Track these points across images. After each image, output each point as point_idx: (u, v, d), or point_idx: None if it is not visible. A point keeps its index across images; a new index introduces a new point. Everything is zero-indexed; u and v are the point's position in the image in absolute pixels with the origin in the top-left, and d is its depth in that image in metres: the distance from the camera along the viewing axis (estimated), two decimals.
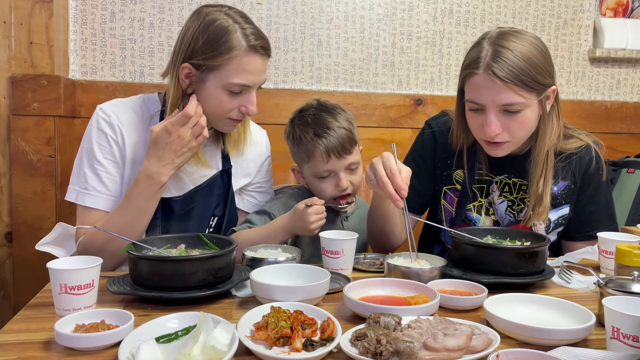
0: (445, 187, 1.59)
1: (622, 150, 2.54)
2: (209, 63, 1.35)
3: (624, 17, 2.61)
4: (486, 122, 1.37)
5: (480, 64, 1.36)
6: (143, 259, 1.09)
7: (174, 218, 1.48)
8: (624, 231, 1.54)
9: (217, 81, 1.37)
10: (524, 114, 1.37)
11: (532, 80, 1.34)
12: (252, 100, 1.41)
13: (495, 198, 1.54)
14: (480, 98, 1.37)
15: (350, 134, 1.50)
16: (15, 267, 2.01)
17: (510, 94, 1.33)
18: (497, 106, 1.36)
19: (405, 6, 2.40)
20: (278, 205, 1.57)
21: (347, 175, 1.52)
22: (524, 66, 1.33)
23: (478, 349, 0.84)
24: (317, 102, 1.59)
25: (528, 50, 1.36)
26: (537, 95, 1.38)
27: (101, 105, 1.47)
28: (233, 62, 1.35)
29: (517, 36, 1.38)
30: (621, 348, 0.83)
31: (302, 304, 0.96)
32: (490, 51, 1.36)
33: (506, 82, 1.32)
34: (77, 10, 2.17)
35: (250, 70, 1.37)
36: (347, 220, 1.63)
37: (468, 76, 1.39)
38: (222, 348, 0.81)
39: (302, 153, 1.52)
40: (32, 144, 1.98)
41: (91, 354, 0.85)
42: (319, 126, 1.49)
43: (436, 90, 2.47)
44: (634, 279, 1.03)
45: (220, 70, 1.36)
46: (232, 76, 1.36)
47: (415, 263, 1.22)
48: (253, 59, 1.37)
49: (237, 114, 1.42)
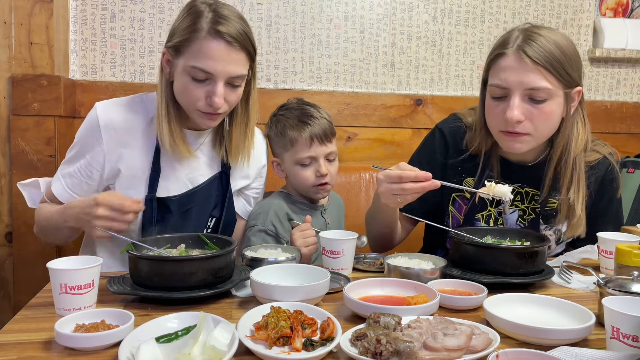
0: (454, 194, 1.55)
1: (622, 150, 2.53)
2: (177, 44, 1.35)
3: (623, 17, 2.61)
4: (509, 106, 1.33)
5: (510, 44, 1.34)
6: (143, 259, 1.09)
7: (170, 218, 1.48)
8: (624, 231, 1.54)
9: (182, 65, 1.35)
10: (549, 104, 1.34)
11: (562, 68, 1.32)
12: (216, 91, 1.33)
13: (507, 208, 1.50)
14: (506, 79, 1.33)
15: (331, 125, 1.60)
16: (15, 267, 2.01)
17: (539, 78, 1.31)
18: (522, 90, 1.32)
19: (405, 6, 2.40)
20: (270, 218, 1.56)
21: (326, 164, 1.59)
22: (556, 51, 1.31)
23: (478, 349, 0.84)
24: (297, 98, 1.69)
25: (560, 39, 1.34)
26: (564, 87, 1.35)
27: (98, 104, 1.47)
28: (194, 45, 1.32)
29: (549, 28, 1.38)
30: (621, 348, 0.83)
31: (302, 304, 0.96)
32: (521, 35, 1.34)
33: (536, 64, 1.30)
34: (77, 10, 2.17)
35: (211, 55, 1.31)
36: (327, 212, 1.67)
37: (496, 58, 1.37)
38: (222, 348, 0.81)
39: (285, 141, 1.58)
40: (32, 144, 1.98)
41: (91, 354, 0.85)
42: (303, 115, 1.58)
43: (436, 90, 2.47)
44: (633, 279, 1.03)
45: (184, 54, 1.34)
46: (193, 59, 1.33)
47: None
48: (213, 44, 1.31)
49: (204, 105, 1.37)
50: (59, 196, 1.48)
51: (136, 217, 1.33)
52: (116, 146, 1.44)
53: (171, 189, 1.49)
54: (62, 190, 1.48)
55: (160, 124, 1.41)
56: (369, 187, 2.16)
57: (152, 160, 1.46)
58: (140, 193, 1.46)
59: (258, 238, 1.52)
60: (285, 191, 1.66)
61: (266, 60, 2.32)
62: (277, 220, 1.55)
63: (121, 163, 1.45)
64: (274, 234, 1.54)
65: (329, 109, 2.28)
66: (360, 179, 2.16)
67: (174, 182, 1.49)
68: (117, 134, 1.44)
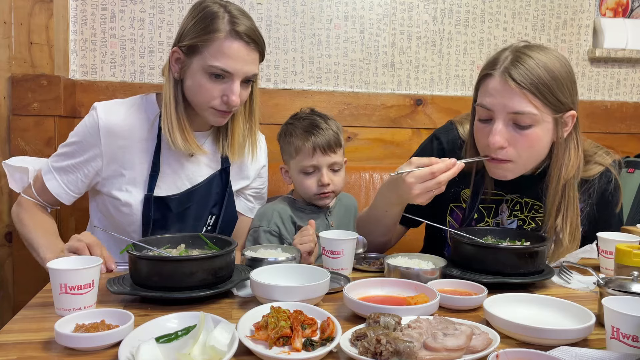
0: (452, 204, 1.53)
1: (622, 150, 2.54)
2: (193, 43, 1.37)
3: (623, 17, 2.61)
4: (491, 131, 1.30)
5: (497, 65, 1.30)
6: (143, 259, 1.09)
7: (170, 216, 1.48)
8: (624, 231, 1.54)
9: (199, 64, 1.38)
10: (534, 130, 1.29)
11: (550, 93, 1.27)
12: (234, 89, 1.38)
13: (505, 218, 1.48)
14: (490, 102, 1.30)
15: (337, 136, 1.62)
16: (15, 267, 2.01)
17: (524, 102, 1.26)
18: (506, 113, 1.28)
19: (405, 6, 2.40)
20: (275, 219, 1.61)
21: (329, 173, 1.62)
22: (544, 75, 1.26)
23: (478, 349, 0.84)
24: (310, 109, 1.72)
25: (551, 62, 1.28)
26: (553, 112, 1.29)
27: (98, 105, 1.46)
28: (214, 45, 1.35)
29: (543, 49, 1.32)
30: (621, 348, 0.83)
31: (302, 304, 0.96)
32: (510, 56, 1.30)
33: (521, 87, 1.25)
34: (77, 10, 2.17)
35: (230, 55, 1.36)
36: (331, 215, 1.69)
37: (483, 79, 1.34)
38: (222, 348, 0.81)
39: (291, 149, 1.63)
40: (32, 144, 1.98)
41: (91, 354, 0.85)
42: (310, 125, 1.61)
43: (436, 90, 2.47)
44: (633, 279, 1.03)
45: (202, 53, 1.37)
46: (212, 58, 1.36)
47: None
48: (234, 44, 1.36)
49: (219, 104, 1.40)
50: (56, 194, 1.48)
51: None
52: (115, 148, 1.44)
53: (170, 188, 1.49)
54: (58, 187, 1.48)
55: (170, 121, 1.42)
56: (368, 187, 2.16)
57: (152, 161, 1.46)
58: (139, 193, 1.45)
59: (263, 239, 1.57)
60: (291, 197, 1.70)
61: (266, 60, 2.31)
62: (281, 221, 1.60)
63: (119, 164, 1.45)
64: (277, 234, 1.59)
65: (329, 109, 2.28)
66: (360, 179, 2.16)
67: (173, 182, 1.49)
68: (116, 137, 1.44)
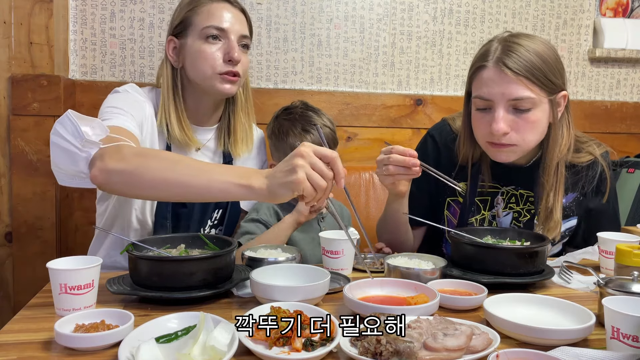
0: (449, 198, 1.56)
1: (622, 150, 2.54)
2: (183, 17, 1.44)
3: (623, 17, 2.61)
4: (494, 118, 1.33)
5: (489, 57, 1.33)
6: (143, 259, 1.09)
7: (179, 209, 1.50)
8: (624, 231, 1.54)
9: (194, 35, 1.44)
10: (534, 113, 1.34)
11: (543, 76, 1.32)
12: (233, 45, 1.44)
13: (500, 210, 1.51)
14: (488, 92, 1.33)
15: (333, 133, 1.60)
16: (15, 267, 2.01)
17: (521, 88, 1.30)
18: (506, 101, 1.32)
19: (405, 6, 2.40)
20: (264, 210, 1.58)
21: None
22: (536, 60, 1.31)
23: (478, 349, 0.84)
24: (301, 102, 1.66)
25: (539, 47, 1.34)
26: (548, 94, 1.34)
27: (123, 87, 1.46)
28: (203, 10, 1.44)
29: (528, 36, 1.38)
30: (621, 348, 0.83)
31: (302, 304, 0.96)
32: (500, 47, 1.34)
33: (517, 74, 1.30)
34: (77, 10, 2.17)
35: (221, 15, 1.44)
36: (324, 221, 1.65)
37: (477, 71, 1.37)
38: (222, 348, 0.81)
39: (285, 147, 1.57)
40: (32, 144, 1.98)
41: (91, 354, 0.85)
42: (306, 122, 1.56)
43: (436, 90, 2.47)
44: (634, 279, 1.03)
45: (194, 22, 1.44)
46: (205, 21, 1.43)
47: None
48: (221, 4, 1.45)
49: (223, 66, 1.43)
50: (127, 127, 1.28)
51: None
52: (145, 115, 1.44)
53: None
54: (127, 121, 1.31)
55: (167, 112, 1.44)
56: (368, 187, 2.16)
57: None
58: None
59: (255, 225, 1.54)
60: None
61: (266, 60, 2.32)
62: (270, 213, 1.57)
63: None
64: (264, 222, 1.55)
65: (329, 109, 2.28)
66: (360, 179, 2.16)
67: None
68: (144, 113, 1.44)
